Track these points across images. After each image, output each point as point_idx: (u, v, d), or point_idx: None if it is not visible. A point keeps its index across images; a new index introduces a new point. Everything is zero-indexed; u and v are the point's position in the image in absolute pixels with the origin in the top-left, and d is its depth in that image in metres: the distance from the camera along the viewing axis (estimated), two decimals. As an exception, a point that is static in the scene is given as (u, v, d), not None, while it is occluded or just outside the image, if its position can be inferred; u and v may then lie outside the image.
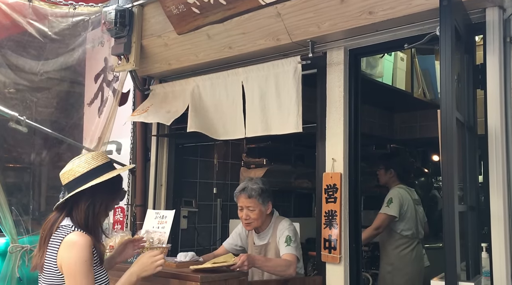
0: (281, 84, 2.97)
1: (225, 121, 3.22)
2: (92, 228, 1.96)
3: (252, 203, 2.84)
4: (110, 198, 2.05)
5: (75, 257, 1.84)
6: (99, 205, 1.98)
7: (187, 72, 3.58)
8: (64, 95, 4.02)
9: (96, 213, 1.98)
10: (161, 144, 3.94)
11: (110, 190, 2.04)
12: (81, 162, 1.99)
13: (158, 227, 3.30)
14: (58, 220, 1.95)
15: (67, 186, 1.99)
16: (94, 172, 1.97)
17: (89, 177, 1.95)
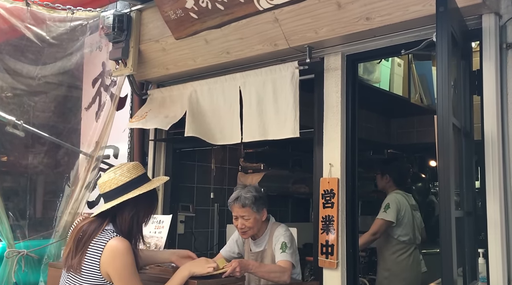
0: (278, 89, 2.98)
1: (222, 126, 3.22)
2: (135, 235, 2.09)
3: (246, 212, 2.82)
4: (150, 208, 2.16)
5: (123, 262, 1.95)
6: (142, 214, 2.10)
7: (185, 77, 3.59)
8: (62, 99, 4.02)
9: (139, 222, 2.10)
10: (158, 148, 3.94)
11: (150, 200, 2.16)
12: (124, 172, 2.09)
13: (155, 232, 3.29)
14: (103, 225, 2.03)
15: (107, 194, 2.08)
16: (135, 183, 2.08)
17: (130, 186, 2.06)
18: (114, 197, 2.05)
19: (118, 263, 1.94)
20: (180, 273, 2.17)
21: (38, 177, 4.10)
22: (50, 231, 3.59)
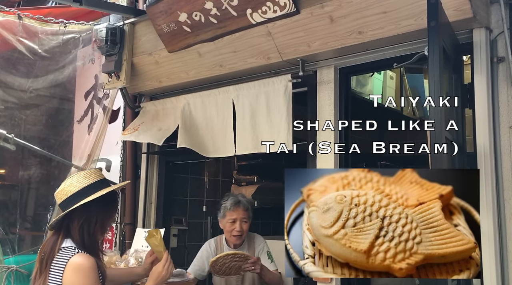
0: (271, 102, 2.98)
1: (215, 138, 3.21)
2: (89, 247, 1.89)
3: (246, 215, 2.94)
4: (105, 216, 1.97)
5: (83, 281, 1.79)
6: (94, 223, 1.92)
7: (178, 89, 3.58)
8: (54, 112, 4.00)
9: (91, 232, 1.91)
10: (151, 161, 3.92)
11: (104, 208, 1.96)
12: (73, 181, 1.94)
13: (147, 246, 3.25)
14: (58, 242, 1.89)
15: (61, 205, 1.94)
16: (87, 190, 1.91)
17: (81, 195, 1.90)
18: (66, 207, 1.91)
19: (79, 282, 1.79)
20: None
21: (29, 190, 4.05)
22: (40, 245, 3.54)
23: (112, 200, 2.04)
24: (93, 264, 1.83)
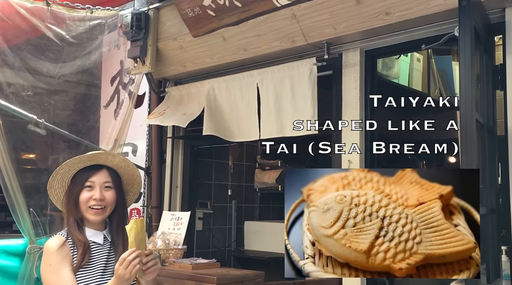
0: (296, 86, 2.97)
1: (240, 123, 3.22)
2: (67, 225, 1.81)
3: None
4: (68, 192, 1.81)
5: (43, 263, 1.74)
6: (65, 201, 1.82)
7: (202, 74, 3.59)
8: (81, 97, 4.07)
9: (64, 211, 1.82)
10: (176, 146, 3.96)
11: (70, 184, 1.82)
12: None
13: (173, 228, 3.32)
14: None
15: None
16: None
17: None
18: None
19: (42, 264, 1.73)
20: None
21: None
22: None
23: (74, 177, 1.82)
24: (54, 245, 1.72)
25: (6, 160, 2.99)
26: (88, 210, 1.76)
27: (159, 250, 2.94)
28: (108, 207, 1.78)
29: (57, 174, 1.79)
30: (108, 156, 1.81)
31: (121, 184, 1.86)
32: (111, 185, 1.80)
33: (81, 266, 1.71)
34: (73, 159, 1.77)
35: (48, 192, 1.82)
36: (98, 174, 1.79)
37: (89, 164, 1.80)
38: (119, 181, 1.85)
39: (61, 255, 1.71)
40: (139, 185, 1.93)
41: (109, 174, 1.81)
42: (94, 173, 1.79)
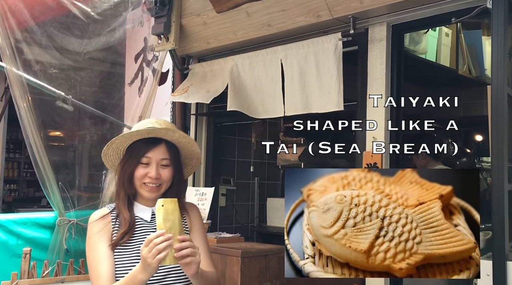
0: (321, 62, 2.93)
1: (264, 99, 3.21)
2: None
3: None
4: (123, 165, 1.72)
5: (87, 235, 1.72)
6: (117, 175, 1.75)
7: (226, 51, 3.58)
8: (106, 75, 4.12)
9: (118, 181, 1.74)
10: (200, 123, 3.99)
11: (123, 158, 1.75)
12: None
13: (198, 203, 3.37)
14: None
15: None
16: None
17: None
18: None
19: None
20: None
21: (85, 150, 4.25)
22: (96, 201, 3.74)
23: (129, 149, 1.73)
24: (94, 217, 1.70)
25: (36, 136, 3.07)
26: (142, 186, 1.67)
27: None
28: (164, 184, 1.68)
29: (112, 143, 1.70)
30: (168, 131, 1.67)
31: (180, 159, 1.74)
32: (168, 163, 1.68)
33: (120, 244, 1.62)
34: (129, 132, 1.68)
35: (102, 159, 1.75)
36: (155, 150, 1.67)
37: (147, 136, 1.68)
38: (177, 156, 1.72)
39: (99, 228, 1.66)
40: (198, 160, 1.82)
41: (167, 150, 1.69)
42: (151, 148, 1.67)
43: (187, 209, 1.76)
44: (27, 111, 3.00)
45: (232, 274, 2.34)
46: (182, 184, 1.76)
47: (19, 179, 7.68)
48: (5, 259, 3.11)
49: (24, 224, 3.21)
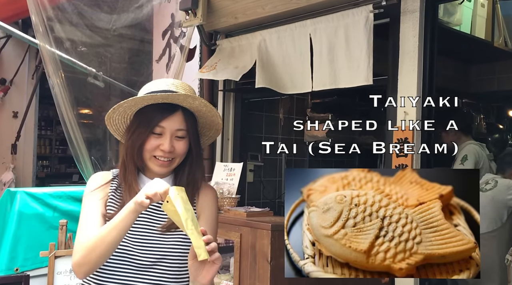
0: (351, 35, 2.88)
1: (292, 75, 3.18)
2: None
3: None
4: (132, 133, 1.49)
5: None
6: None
7: (254, 25, 3.55)
8: (135, 52, 4.16)
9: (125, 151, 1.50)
10: (227, 99, 4.00)
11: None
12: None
13: (226, 179, 3.41)
14: None
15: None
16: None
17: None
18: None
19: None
20: (126, 206, 1.32)
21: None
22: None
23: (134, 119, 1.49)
24: (96, 175, 1.53)
25: (70, 113, 3.14)
26: (152, 160, 1.44)
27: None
28: (177, 159, 1.45)
29: (120, 107, 1.43)
30: (187, 97, 1.41)
31: (197, 130, 1.51)
32: (184, 134, 1.44)
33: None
34: (142, 97, 1.41)
35: (106, 122, 1.51)
36: (170, 119, 1.42)
37: (161, 102, 1.42)
38: (195, 127, 1.49)
39: (97, 194, 1.45)
40: (217, 132, 1.57)
41: (184, 119, 1.44)
42: (166, 116, 1.42)
43: (200, 192, 1.50)
44: (61, 88, 3.06)
45: (262, 246, 2.38)
46: (198, 159, 1.52)
47: (51, 155, 7.91)
48: (42, 231, 3.23)
49: (60, 197, 3.31)
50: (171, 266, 1.40)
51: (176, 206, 1.23)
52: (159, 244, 1.41)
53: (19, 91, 5.81)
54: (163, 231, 1.42)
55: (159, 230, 1.43)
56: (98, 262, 1.33)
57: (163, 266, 1.40)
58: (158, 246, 1.41)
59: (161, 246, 1.41)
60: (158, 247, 1.40)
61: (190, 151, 1.48)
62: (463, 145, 3.68)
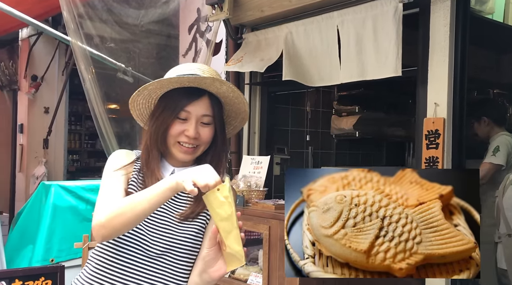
0: (379, 26, 2.84)
1: (320, 67, 3.17)
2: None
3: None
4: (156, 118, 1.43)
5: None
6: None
7: (280, 18, 3.54)
8: (162, 47, 4.20)
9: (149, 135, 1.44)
10: (254, 92, 4.01)
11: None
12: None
13: (254, 172, 3.43)
14: None
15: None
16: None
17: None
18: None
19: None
20: (167, 179, 1.26)
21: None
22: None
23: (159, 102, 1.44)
24: (118, 152, 1.48)
25: (100, 107, 3.21)
26: (176, 146, 1.39)
27: (242, 191, 3.07)
28: (201, 146, 1.41)
29: (145, 89, 1.40)
30: (214, 81, 1.36)
31: (223, 117, 1.47)
32: (210, 120, 1.40)
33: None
34: (168, 79, 1.36)
35: (129, 106, 1.47)
36: (196, 103, 1.38)
37: (187, 85, 1.38)
38: (221, 113, 1.45)
39: (120, 171, 1.39)
40: (243, 120, 1.53)
41: (210, 104, 1.40)
42: (192, 101, 1.37)
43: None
44: (92, 83, 3.13)
45: (291, 239, 2.38)
46: (224, 148, 1.47)
47: (81, 150, 8.10)
48: (76, 223, 3.33)
49: (92, 190, 3.40)
50: (181, 257, 1.37)
51: (230, 199, 1.15)
52: (171, 233, 1.37)
53: (50, 87, 5.97)
54: (180, 219, 1.38)
55: (176, 218, 1.38)
56: (120, 230, 1.26)
57: (173, 256, 1.36)
58: (171, 235, 1.36)
59: (174, 235, 1.37)
60: (170, 236, 1.36)
61: (215, 139, 1.43)
62: (495, 136, 3.60)
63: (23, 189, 5.98)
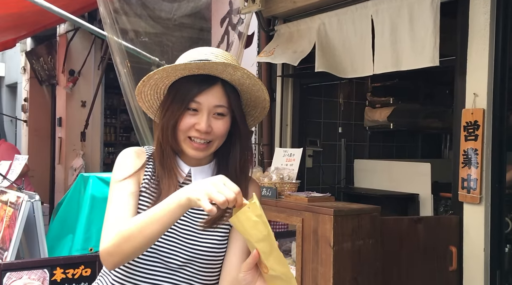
0: (415, 15, 2.77)
1: (353, 58, 3.12)
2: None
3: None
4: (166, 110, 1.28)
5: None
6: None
7: (312, 9, 3.50)
8: (195, 40, 4.24)
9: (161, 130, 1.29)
10: (286, 84, 3.99)
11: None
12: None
13: (286, 164, 3.42)
14: None
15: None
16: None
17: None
18: None
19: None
20: (176, 195, 1.09)
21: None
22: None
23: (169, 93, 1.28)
24: (129, 149, 1.33)
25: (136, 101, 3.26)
26: (186, 141, 1.24)
27: (274, 183, 3.07)
28: (215, 141, 1.25)
29: (150, 79, 1.24)
30: (227, 67, 1.18)
31: (241, 108, 1.30)
32: (225, 111, 1.23)
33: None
34: (173, 65, 1.20)
35: (137, 98, 1.33)
36: (208, 92, 1.21)
37: (197, 73, 1.21)
38: (238, 103, 1.27)
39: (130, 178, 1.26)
40: (263, 110, 1.35)
41: (224, 93, 1.23)
42: (203, 90, 1.21)
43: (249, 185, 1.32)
44: (127, 77, 3.20)
45: (325, 231, 2.37)
46: (248, 144, 1.31)
47: (116, 142, 8.29)
48: (111, 213, 3.41)
49: (128, 182, 3.47)
50: (203, 267, 1.25)
51: (264, 217, 0.97)
52: (193, 243, 1.24)
53: (86, 81, 6.13)
54: (205, 227, 1.24)
55: (199, 226, 1.25)
56: (131, 255, 1.14)
57: (195, 267, 1.24)
58: (193, 245, 1.24)
59: (196, 245, 1.24)
60: (192, 247, 1.24)
61: (237, 131, 1.27)
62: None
63: (62, 181, 6.20)
